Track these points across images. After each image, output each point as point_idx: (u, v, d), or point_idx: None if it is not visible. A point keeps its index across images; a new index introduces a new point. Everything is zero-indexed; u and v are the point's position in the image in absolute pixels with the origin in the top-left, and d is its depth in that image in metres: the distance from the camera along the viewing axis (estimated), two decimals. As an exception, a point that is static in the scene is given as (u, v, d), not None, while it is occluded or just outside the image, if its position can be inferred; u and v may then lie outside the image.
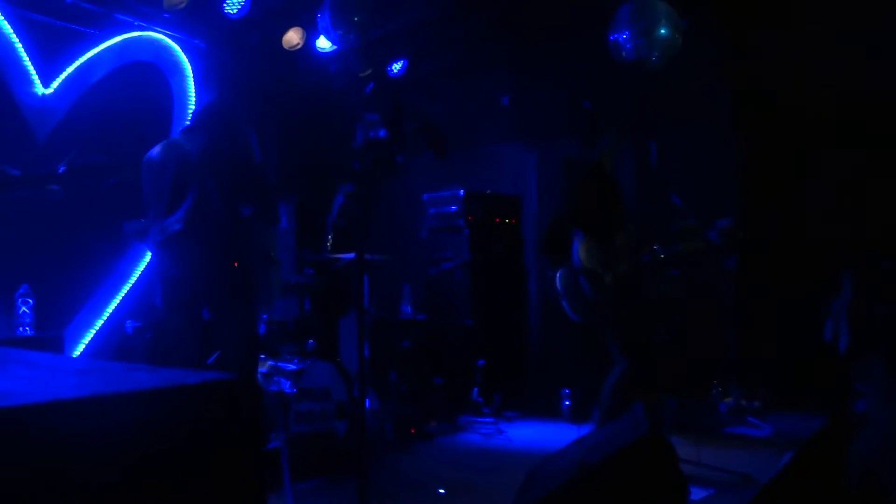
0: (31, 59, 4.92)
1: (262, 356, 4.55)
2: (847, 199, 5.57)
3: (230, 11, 5.41)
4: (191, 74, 5.77)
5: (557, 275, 4.58)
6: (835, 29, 5.49)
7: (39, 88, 4.97)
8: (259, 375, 4.01)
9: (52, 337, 4.39)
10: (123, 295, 5.34)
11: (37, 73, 4.95)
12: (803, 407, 5.47)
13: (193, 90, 5.79)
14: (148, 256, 5.49)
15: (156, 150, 3.66)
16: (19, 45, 4.86)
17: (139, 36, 5.50)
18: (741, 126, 6.00)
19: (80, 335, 5.09)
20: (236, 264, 3.30)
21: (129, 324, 5.06)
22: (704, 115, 6.13)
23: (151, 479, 0.70)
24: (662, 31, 5.06)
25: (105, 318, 5.22)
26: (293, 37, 6.00)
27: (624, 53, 5.15)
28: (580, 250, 4.37)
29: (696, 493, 3.77)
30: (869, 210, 5.42)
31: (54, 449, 0.58)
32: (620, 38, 5.14)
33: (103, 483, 0.65)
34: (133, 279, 5.40)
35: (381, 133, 3.17)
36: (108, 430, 0.64)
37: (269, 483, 3.89)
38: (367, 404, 4.86)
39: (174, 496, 0.71)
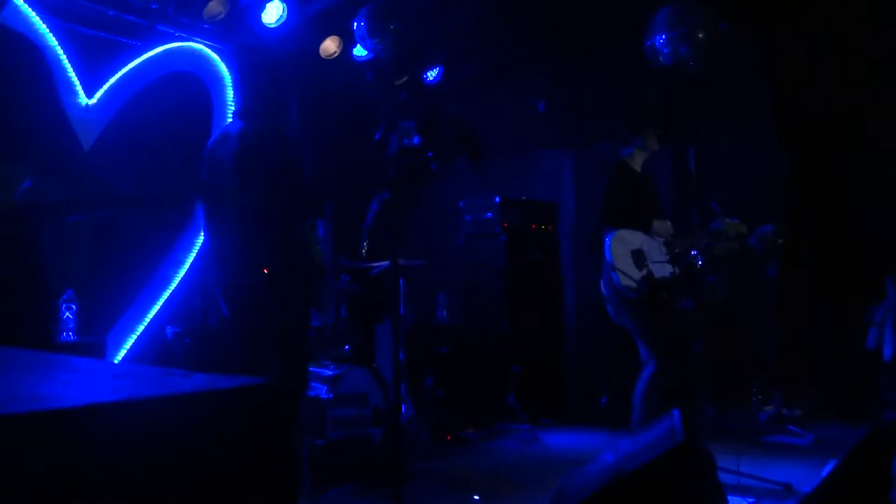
0: (74, 71, 5.03)
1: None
2: (892, 205, 5.47)
3: (268, 21, 5.49)
4: (230, 84, 5.86)
5: (602, 279, 4.55)
6: (876, 31, 5.40)
7: (83, 99, 5.08)
8: (305, 385, 4.02)
9: (94, 342, 4.48)
10: (164, 301, 5.42)
11: (80, 84, 5.06)
12: (846, 416, 5.37)
13: (233, 99, 5.88)
14: (188, 263, 5.58)
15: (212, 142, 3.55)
16: (64, 57, 4.97)
17: (180, 46, 5.60)
18: (782, 130, 5.92)
19: (122, 341, 5.19)
20: (266, 271, 3.27)
21: (169, 329, 5.13)
22: (744, 120, 6.07)
23: (183, 482, 0.71)
24: (700, 35, 5.01)
25: (146, 323, 5.31)
26: (330, 45, 6.07)
27: (661, 58, 5.11)
28: (612, 247, 4.34)
29: (735, 503, 3.71)
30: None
31: (89, 452, 0.60)
32: (657, 43, 5.10)
33: (136, 486, 0.66)
34: (174, 285, 5.49)
35: (416, 140, 3.18)
36: (142, 434, 0.66)
37: (300, 488, 3.92)
38: (402, 410, 4.89)
39: (205, 500, 0.72)
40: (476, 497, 4.10)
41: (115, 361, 4.88)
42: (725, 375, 5.61)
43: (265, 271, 3.23)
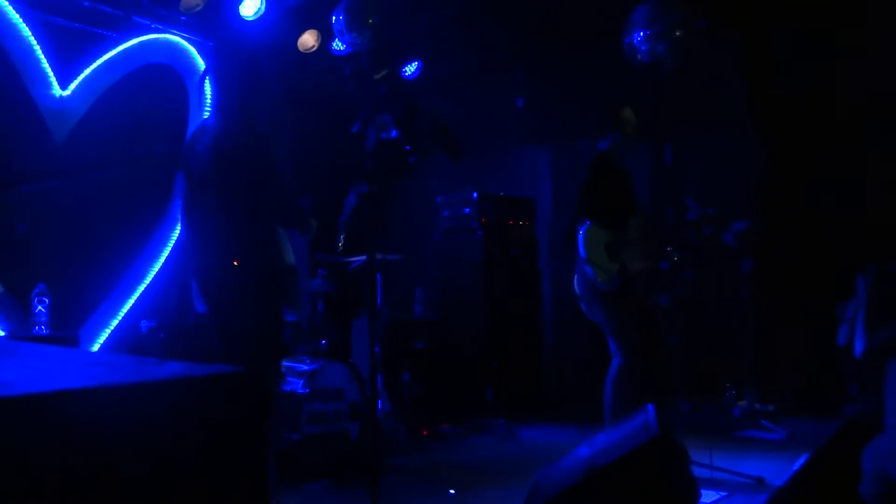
0: (49, 62, 4.97)
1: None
2: (864, 203, 5.54)
3: (246, 14, 5.45)
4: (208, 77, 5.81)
5: (576, 276, 4.58)
6: (852, 30, 5.46)
7: (57, 90, 5.02)
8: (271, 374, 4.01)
9: (68, 336, 4.43)
10: (139, 295, 5.38)
11: (55, 75, 5.00)
12: (818, 411, 5.43)
13: (210, 92, 5.83)
14: (163, 257, 5.54)
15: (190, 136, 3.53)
16: (37, 48, 4.91)
17: (156, 38, 5.54)
18: (758, 128, 5.97)
19: (96, 335, 5.14)
20: (236, 263, 3.24)
21: (143, 324, 5.09)
22: (721, 118, 6.11)
23: (155, 470, 0.71)
24: (678, 33, 5.04)
25: (120, 317, 5.26)
26: (308, 39, 6.04)
27: (639, 55, 5.14)
28: (585, 239, 4.36)
29: (708, 497, 3.75)
30: (887, 214, 5.38)
31: (58, 438, 0.59)
32: (635, 40, 5.13)
33: (107, 474, 0.66)
34: (148, 279, 5.44)
35: (394, 133, 3.17)
36: (113, 421, 0.65)
37: (282, 481, 3.91)
38: (379, 405, 4.88)
39: (178, 489, 0.72)
40: (452, 491, 4.10)
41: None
42: (699, 371, 5.66)
43: (235, 264, 3.20)
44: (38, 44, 4.91)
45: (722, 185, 5.65)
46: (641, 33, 5.07)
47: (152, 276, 5.47)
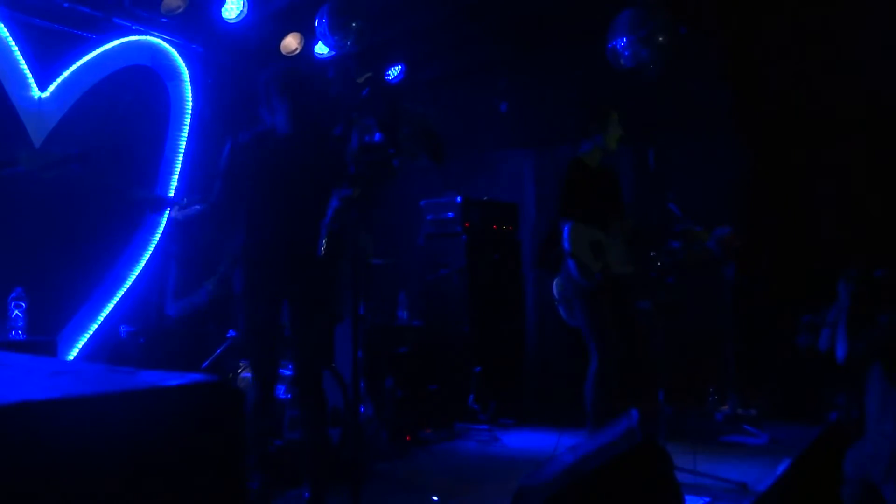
0: (27, 63, 4.90)
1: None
2: (847, 208, 5.58)
3: (228, 17, 5.41)
4: (188, 79, 5.76)
5: (554, 281, 4.57)
6: (834, 34, 5.50)
7: (36, 92, 4.95)
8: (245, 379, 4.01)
9: (45, 342, 4.36)
10: (118, 300, 5.31)
11: (33, 76, 4.93)
12: (800, 416, 5.46)
13: (191, 95, 5.79)
14: (143, 262, 5.48)
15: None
16: (16, 49, 4.84)
17: (137, 40, 5.48)
18: (741, 133, 6.00)
19: (74, 340, 5.07)
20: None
21: (123, 328, 5.03)
22: (704, 122, 6.14)
23: (127, 482, 0.68)
24: (660, 39, 5.06)
25: (99, 322, 5.20)
26: (291, 42, 6.00)
27: (622, 60, 5.15)
28: (571, 236, 4.35)
29: (692, 502, 3.74)
30: (868, 219, 5.42)
31: (17, 453, 0.56)
32: (618, 46, 5.14)
33: (73, 489, 0.63)
34: (128, 284, 5.38)
35: (377, 136, 3.16)
36: (79, 434, 0.62)
37: (269, 488, 3.87)
38: (361, 410, 4.84)
39: (150, 500, 0.69)
40: (435, 497, 4.08)
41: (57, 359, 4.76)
42: (682, 376, 5.67)
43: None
44: (17, 45, 4.85)
45: (704, 190, 5.67)
46: (624, 38, 5.10)
47: (132, 280, 5.40)
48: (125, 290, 5.36)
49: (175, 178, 5.70)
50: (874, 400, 3.64)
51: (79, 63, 5.18)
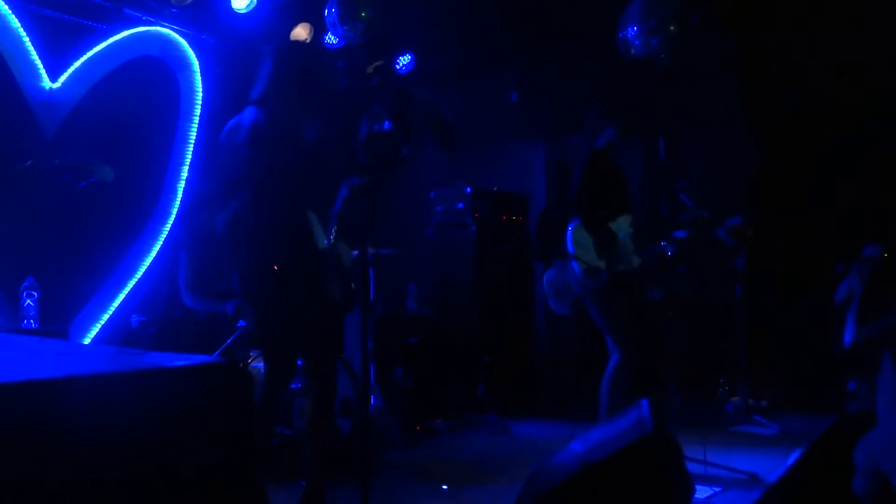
0: (38, 54, 4.91)
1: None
2: (858, 198, 5.53)
3: (238, 7, 5.41)
4: (198, 70, 5.77)
5: (545, 276, 4.56)
6: (847, 27, 5.45)
7: (47, 83, 4.97)
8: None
9: (57, 330, 4.38)
10: (130, 289, 5.33)
11: (44, 67, 4.95)
12: (811, 406, 5.43)
13: (201, 85, 5.79)
14: (154, 252, 5.50)
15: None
16: (27, 40, 4.85)
17: (147, 31, 5.48)
18: (752, 123, 5.96)
19: (86, 329, 5.09)
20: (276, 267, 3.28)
21: (134, 318, 5.06)
22: (715, 113, 6.10)
23: (132, 460, 0.68)
24: (671, 28, 5.02)
25: (111, 312, 5.22)
26: (301, 32, 5.99)
27: (633, 50, 5.12)
28: (574, 237, 4.34)
29: (702, 492, 3.74)
30: (880, 209, 5.38)
31: (26, 429, 0.57)
32: (629, 35, 5.11)
33: (78, 465, 0.63)
34: (139, 274, 5.40)
35: (386, 125, 3.15)
36: (86, 412, 0.62)
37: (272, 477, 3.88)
38: (371, 401, 4.85)
39: (157, 480, 0.69)
40: (445, 487, 4.09)
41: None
42: (693, 366, 5.65)
43: (275, 268, 3.22)
44: (28, 35, 4.86)
45: (715, 180, 5.64)
46: (635, 28, 5.06)
47: (143, 270, 5.42)
48: (136, 279, 5.38)
49: (185, 168, 5.71)
50: (885, 390, 3.61)
51: (89, 54, 5.19)
